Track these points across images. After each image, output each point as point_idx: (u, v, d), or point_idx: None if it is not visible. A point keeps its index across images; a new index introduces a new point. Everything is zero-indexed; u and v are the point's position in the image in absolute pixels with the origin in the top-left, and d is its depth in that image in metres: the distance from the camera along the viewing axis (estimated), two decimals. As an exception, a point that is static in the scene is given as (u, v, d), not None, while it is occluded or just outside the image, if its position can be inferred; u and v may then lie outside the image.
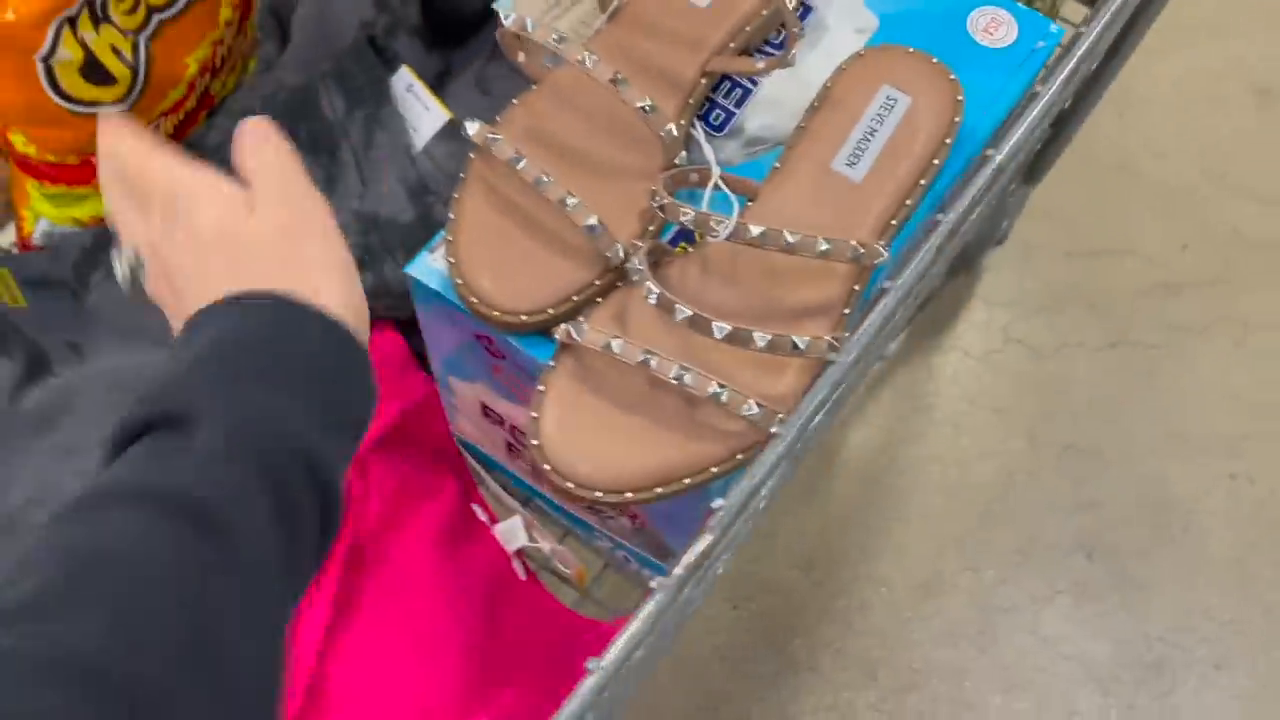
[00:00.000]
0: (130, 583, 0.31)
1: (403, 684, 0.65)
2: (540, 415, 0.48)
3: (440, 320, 0.54)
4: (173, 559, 0.31)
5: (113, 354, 0.69)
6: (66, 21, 0.58)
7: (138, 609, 0.30)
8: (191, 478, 0.33)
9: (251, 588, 0.33)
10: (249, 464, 0.34)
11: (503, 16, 0.57)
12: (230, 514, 0.33)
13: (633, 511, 0.58)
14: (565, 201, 0.49)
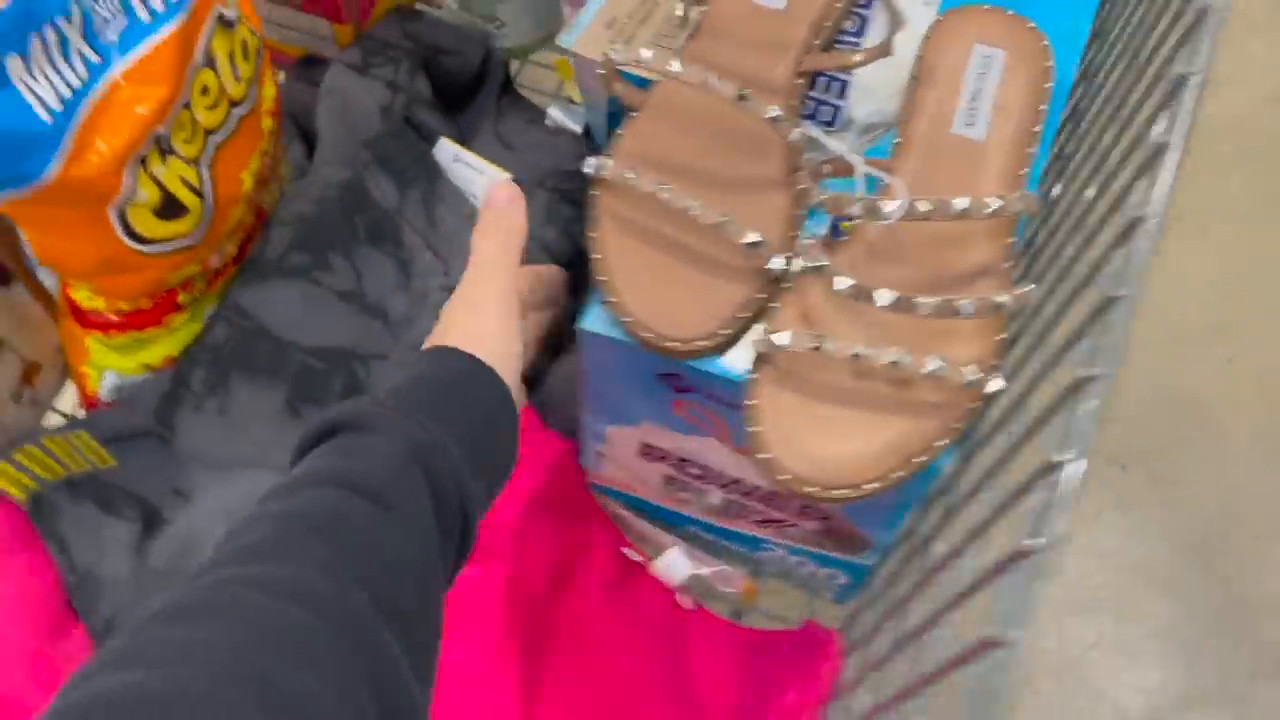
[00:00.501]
0: (330, 538, 0.36)
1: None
2: (760, 427, 0.48)
3: (615, 368, 0.53)
4: (361, 525, 0.38)
5: (219, 489, 0.67)
6: (139, 161, 0.56)
7: (342, 559, 0.36)
8: (374, 469, 0.40)
9: (422, 561, 0.39)
10: (418, 474, 0.41)
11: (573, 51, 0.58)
12: (405, 506, 0.39)
13: (825, 511, 0.58)
14: (720, 223, 0.50)
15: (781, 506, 0.59)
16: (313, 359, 0.68)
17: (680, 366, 0.51)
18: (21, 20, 0.47)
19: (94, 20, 0.51)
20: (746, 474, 0.58)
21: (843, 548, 0.61)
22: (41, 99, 0.50)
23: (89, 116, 0.52)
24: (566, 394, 0.67)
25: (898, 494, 0.49)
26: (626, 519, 0.69)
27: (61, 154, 0.51)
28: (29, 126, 0.49)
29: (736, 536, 0.66)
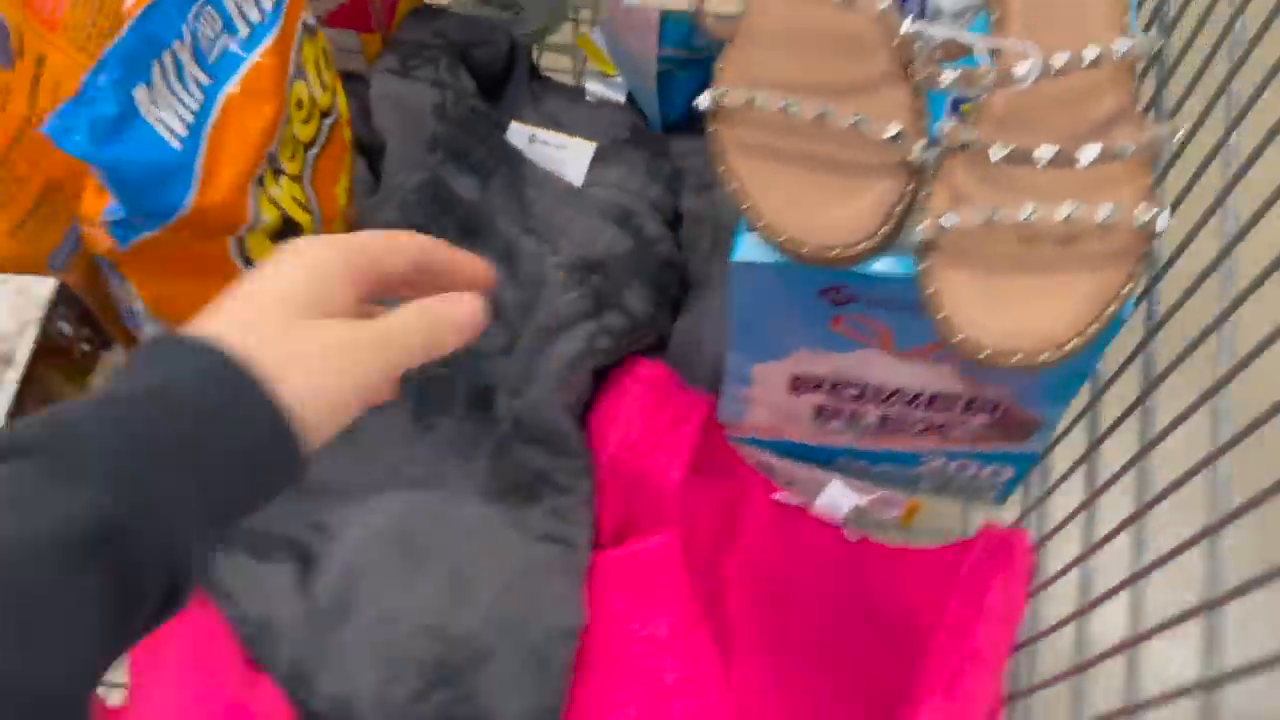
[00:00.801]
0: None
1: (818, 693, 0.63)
2: (946, 311, 0.48)
3: (770, 295, 0.53)
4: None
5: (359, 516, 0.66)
6: (258, 183, 0.55)
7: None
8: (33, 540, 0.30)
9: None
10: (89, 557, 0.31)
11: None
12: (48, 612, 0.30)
13: (994, 401, 0.58)
14: (857, 122, 0.49)
15: (947, 408, 0.59)
16: (432, 366, 0.67)
17: (843, 277, 0.51)
18: (145, 48, 0.47)
19: (201, 41, 0.51)
20: (911, 380, 0.57)
21: (1011, 437, 0.61)
22: (170, 127, 0.49)
23: (211, 141, 0.52)
24: (690, 351, 0.67)
25: (1078, 360, 0.49)
26: (773, 465, 0.68)
27: (195, 181, 0.51)
28: (165, 157, 0.49)
29: (890, 457, 0.66)
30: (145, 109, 0.48)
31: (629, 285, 0.63)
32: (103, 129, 0.45)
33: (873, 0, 0.51)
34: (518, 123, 0.69)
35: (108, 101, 0.45)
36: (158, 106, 0.49)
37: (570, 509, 0.63)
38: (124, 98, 0.46)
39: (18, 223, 0.60)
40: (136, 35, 0.46)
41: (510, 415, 0.64)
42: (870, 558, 0.67)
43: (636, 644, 0.62)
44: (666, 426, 0.64)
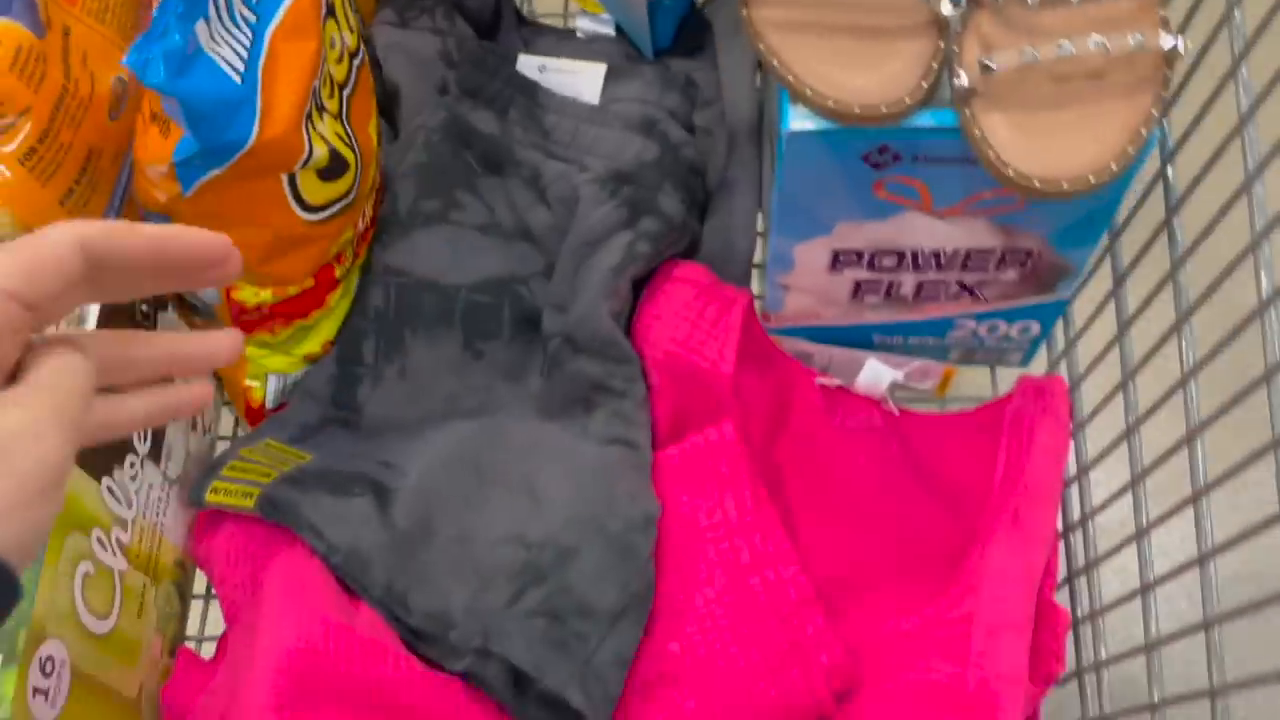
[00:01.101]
0: None
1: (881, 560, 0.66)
2: (993, 149, 0.51)
3: (816, 164, 0.56)
4: None
5: (422, 448, 0.67)
6: (307, 119, 0.56)
7: None
8: None
9: None
10: None
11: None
12: None
13: (1028, 248, 0.61)
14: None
15: (981, 265, 0.62)
16: (477, 295, 0.69)
17: (887, 136, 0.54)
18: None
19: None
20: (947, 239, 0.61)
21: (1041, 287, 0.64)
22: (229, 62, 0.50)
23: (265, 76, 0.53)
24: (722, 251, 0.70)
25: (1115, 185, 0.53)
26: (810, 352, 0.71)
27: (257, 115, 0.52)
28: (231, 90, 0.50)
29: (923, 328, 0.69)
30: (206, 44, 0.49)
31: (661, 189, 0.65)
32: (175, 62, 0.47)
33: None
34: (523, 54, 0.71)
35: (176, 34, 0.47)
36: (215, 43, 0.50)
37: (629, 412, 0.66)
38: (188, 32, 0.48)
39: (66, 191, 0.60)
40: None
41: (560, 331, 0.66)
42: (914, 427, 0.70)
43: (708, 529, 0.64)
44: (712, 321, 0.66)
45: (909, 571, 0.65)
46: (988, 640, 0.58)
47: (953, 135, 0.53)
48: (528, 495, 0.64)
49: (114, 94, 0.64)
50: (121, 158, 0.65)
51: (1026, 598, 0.59)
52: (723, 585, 0.63)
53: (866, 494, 0.67)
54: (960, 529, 0.65)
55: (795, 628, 0.61)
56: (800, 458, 0.68)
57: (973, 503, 0.66)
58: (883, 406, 0.71)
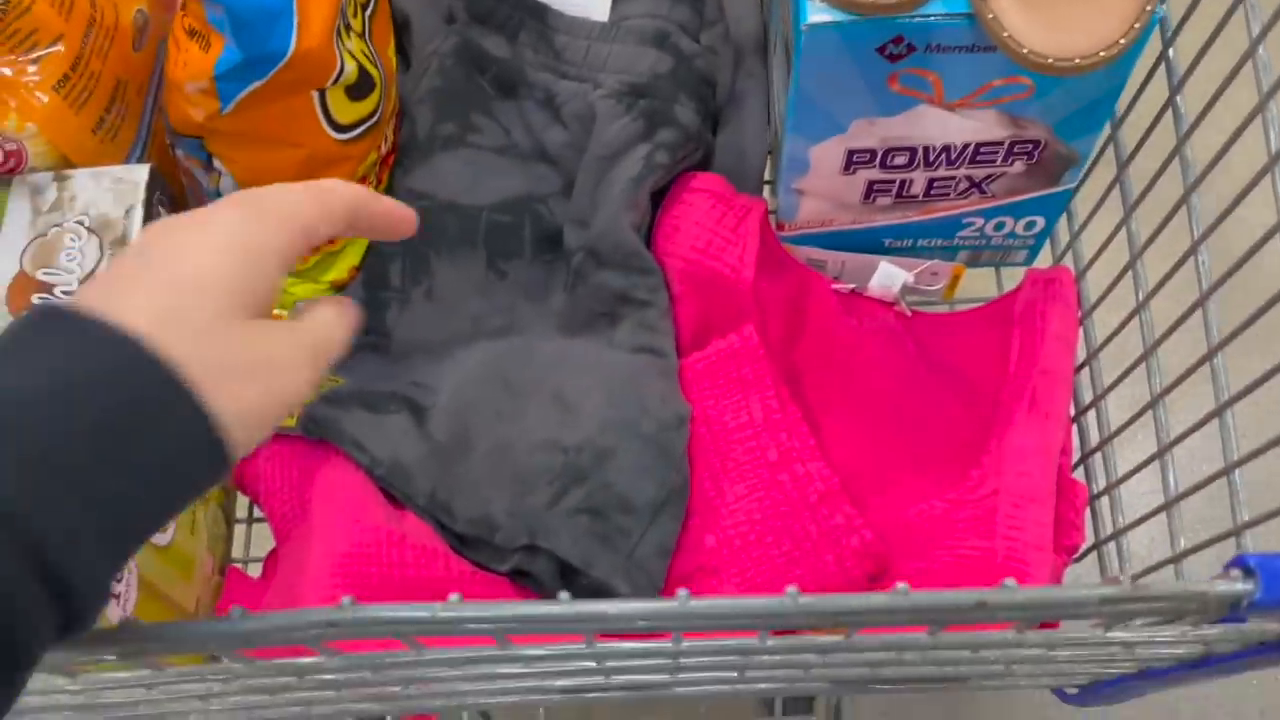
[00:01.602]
0: None
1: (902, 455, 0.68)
2: (1009, 30, 0.53)
3: (832, 59, 0.58)
4: None
5: (451, 369, 0.69)
6: (337, 35, 0.58)
7: None
8: None
9: None
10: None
11: None
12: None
13: (1035, 138, 0.63)
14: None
15: (989, 158, 0.65)
16: (498, 215, 0.71)
17: (902, 26, 0.56)
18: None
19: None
20: (958, 133, 0.63)
21: (1048, 179, 0.67)
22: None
23: (298, 0, 0.54)
24: (736, 162, 0.72)
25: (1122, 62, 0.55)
26: (823, 259, 0.73)
27: (294, 25, 0.53)
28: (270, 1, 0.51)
29: (932, 230, 0.71)
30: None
31: (676, 100, 0.67)
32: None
33: None
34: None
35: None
36: (251, -47, 0.51)
37: (654, 320, 0.68)
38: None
39: (97, 120, 0.62)
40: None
41: (582, 246, 0.68)
42: (927, 326, 0.72)
43: (735, 430, 0.66)
44: (730, 229, 0.68)
45: (929, 461, 0.67)
46: (1013, 513, 0.61)
47: (965, 22, 0.55)
48: (560, 405, 0.66)
49: (136, 26, 0.65)
50: (146, 90, 0.66)
51: (1047, 473, 0.62)
52: (753, 481, 0.65)
53: (884, 390, 0.70)
54: (976, 419, 0.68)
55: (824, 516, 0.63)
56: (819, 358, 0.70)
57: (987, 393, 0.68)
58: (896, 308, 0.73)
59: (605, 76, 0.69)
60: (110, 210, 0.60)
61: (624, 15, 0.71)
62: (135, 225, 0.59)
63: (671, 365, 0.68)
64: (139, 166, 0.61)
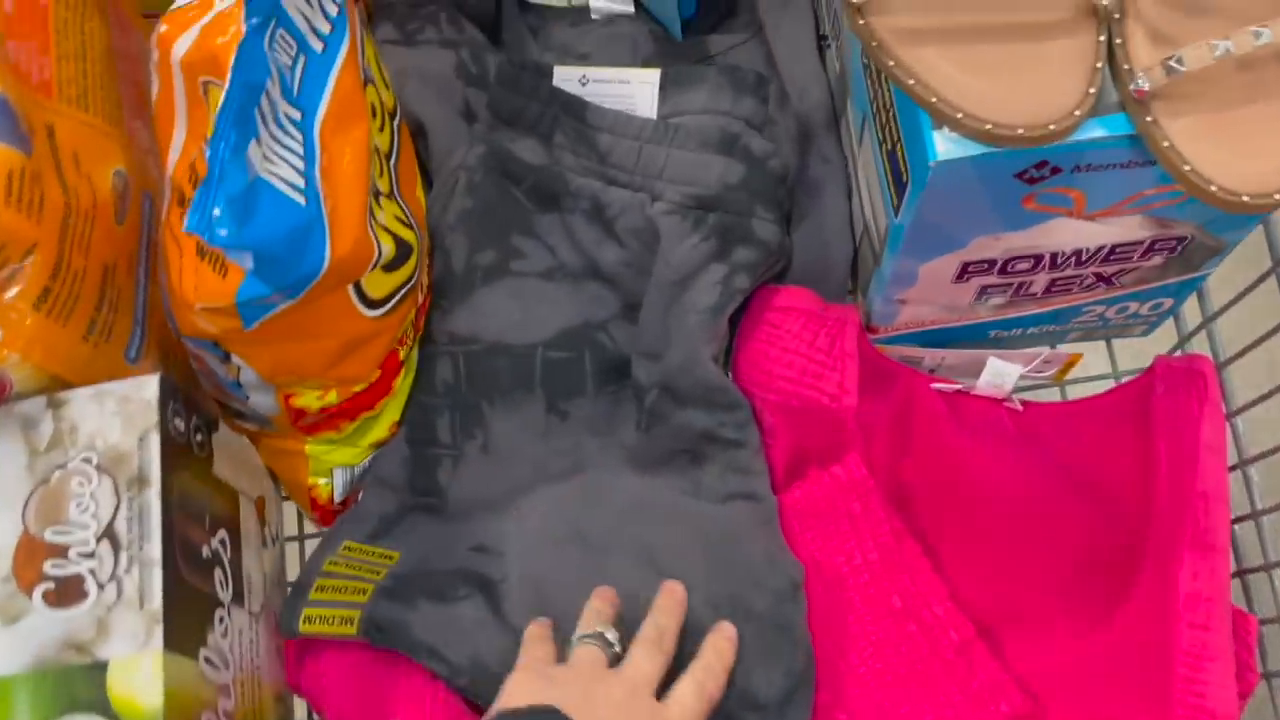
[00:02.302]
0: None
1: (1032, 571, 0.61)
2: (1190, 164, 0.45)
3: (962, 190, 0.49)
4: None
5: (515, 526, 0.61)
6: (370, 215, 0.48)
7: None
8: None
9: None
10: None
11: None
12: None
13: (1180, 234, 0.55)
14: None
15: (1125, 256, 0.56)
16: (554, 351, 0.61)
17: (1048, 151, 0.47)
18: (248, 97, 0.39)
19: (284, 73, 0.43)
20: (1093, 238, 0.54)
21: (1187, 267, 0.58)
22: (288, 181, 0.42)
23: (325, 184, 0.44)
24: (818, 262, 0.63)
25: None
26: (920, 356, 0.65)
27: (327, 236, 0.44)
28: (299, 217, 0.42)
29: (1045, 318, 0.63)
30: (262, 167, 0.40)
31: (753, 214, 0.58)
32: (239, 206, 0.38)
33: None
34: (559, 66, 0.62)
35: (237, 174, 0.38)
36: (270, 161, 0.41)
37: (746, 461, 0.60)
38: (243, 163, 0.39)
39: (88, 324, 0.52)
40: (238, 86, 0.39)
41: (656, 383, 0.59)
42: (1045, 421, 0.64)
43: (850, 575, 0.59)
44: (825, 350, 0.60)
45: (1071, 590, 0.60)
46: (1193, 676, 0.53)
47: (1125, 143, 0.46)
48: (651, 565, 0.58)
49: (116, 192, 0.55)
50: (136, 263, 0.57)
51: (1225, 622, 0.54)
52: (878, 636, 0.58)
53: (1008, 507, 0.62)
54: (1119, 534, 0.60)
55: (965, 675, 0.56)
56: (930, 477, 0.62)
57: (1129, 503, 0.60)
58: (1006, 405, 0.65)
59: (664, 186, 0.59)
60: (120, 440, 0.50)
61: (678, 109, 0.61)
62: (153, 458, 0.50)
63: (771, 510, 0.59)
64: (146, 380, 0.51)
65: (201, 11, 0.42)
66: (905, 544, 0.59)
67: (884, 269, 0.57)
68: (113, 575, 0.48)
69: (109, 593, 0.48)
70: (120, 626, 0.48)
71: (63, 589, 0.48)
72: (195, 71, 0.42)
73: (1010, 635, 0.59)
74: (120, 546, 0.49)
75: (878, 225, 0.57)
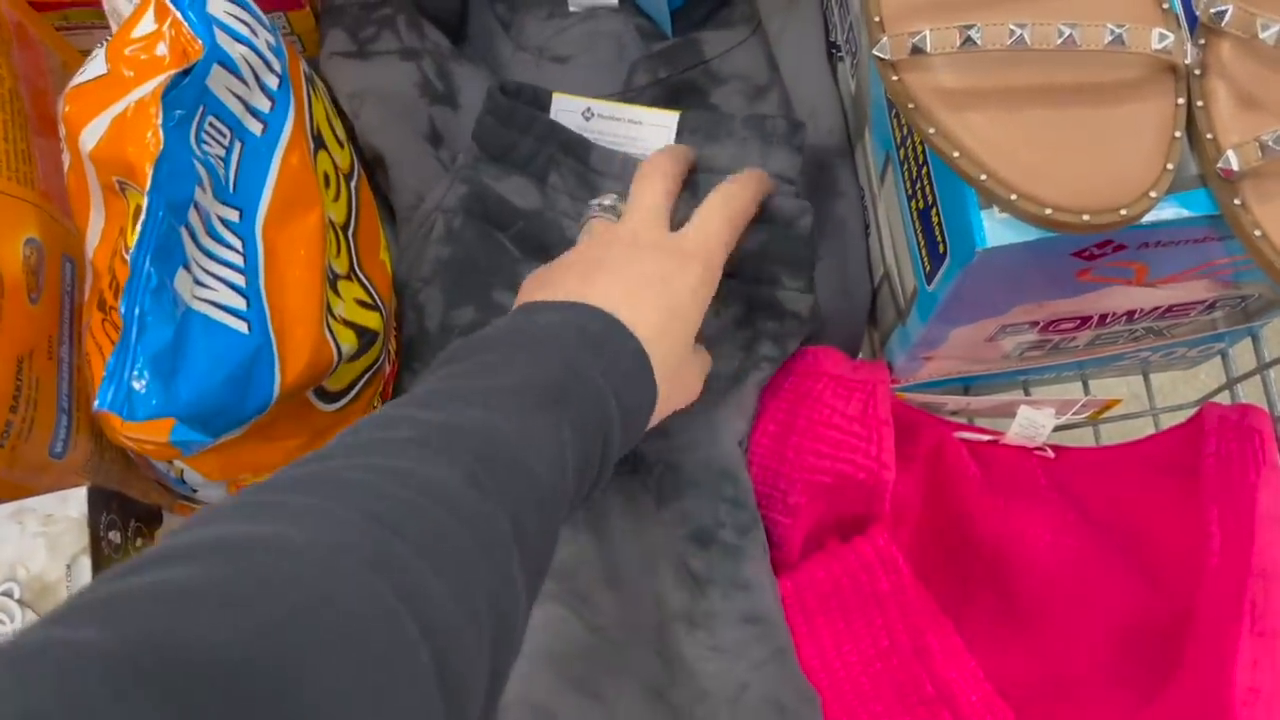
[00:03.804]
0: (480, 455, 0.33)
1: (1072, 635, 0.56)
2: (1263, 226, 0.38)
3: (1014, 270, 0.42)
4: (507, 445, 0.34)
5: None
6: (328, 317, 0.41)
7: (491, 477, 0.33)
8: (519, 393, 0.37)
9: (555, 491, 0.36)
10: (560, 413, 0.37)
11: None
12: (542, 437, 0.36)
13: (1250, 294, 0.49)
14: (1117, 35, 0.38)
15: (1182, 314, 0.50)
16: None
17: (1119, 232, 0.40)
18: (171, 217, 0.32)
19: (215, 168, 0.36)
20: (1150, 302, 0.48)
21: (1245, 319, 0.52)
22: (226, 307, 0.35)
23: (271, 295, 0.37)
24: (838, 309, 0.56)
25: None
26: (943, 402, 0.59)
27: (275, 360, 0.37)
28: (240, 351, 0.35)
29: (1085, 364, 0.57)
30: (191, 298, 0.33)
31: (778, 284, 0.51)
32: (165, 365, 0.31)
33: None
34: (557, 95, 0.54)
35: (159, 324, 0.31)
36: (204, 286, 0.34)
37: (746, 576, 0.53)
38: (168, 304, 0.32)
39: (3, 427, 0.45)
40: (158, 206, 0.31)
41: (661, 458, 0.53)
42: (1079, 472, 0.59)
43: (875, 660, 0.54)
44: (858, 419, 0.53)
45: (1113, 664, 0.55)
46: (1251, 777, 0.49)
47: (1204, 222, 0.40)
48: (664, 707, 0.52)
49: (28, 266, 0.47)
50: (58, 343, 0.49)
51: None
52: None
53: (1046, 575, 0.56)
54: (1165, 602, 0.55)
55: (1005, 769, 0.52)
56: (962, 544, 0.57)
57: (1175, 570, 0.55)
58: (1037, 454, 0.59)
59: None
60: (46, 567, 0.44)
61: (702, 165, 0.53)
62: (82, 584, 0.43)
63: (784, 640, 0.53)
64: (72, 495, 0.44)
65: (111, 94, 0.35)
66: (938, 623, 0.54)
67: (910, 330, 0.51)
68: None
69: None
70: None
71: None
72: (108, 170, 0.35)
73: (1050, 715, 0.55)
74: (53, 693, 0.43)
75: (904, 282, 0.51)
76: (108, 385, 0.32)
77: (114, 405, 0.32)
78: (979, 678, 0.53)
